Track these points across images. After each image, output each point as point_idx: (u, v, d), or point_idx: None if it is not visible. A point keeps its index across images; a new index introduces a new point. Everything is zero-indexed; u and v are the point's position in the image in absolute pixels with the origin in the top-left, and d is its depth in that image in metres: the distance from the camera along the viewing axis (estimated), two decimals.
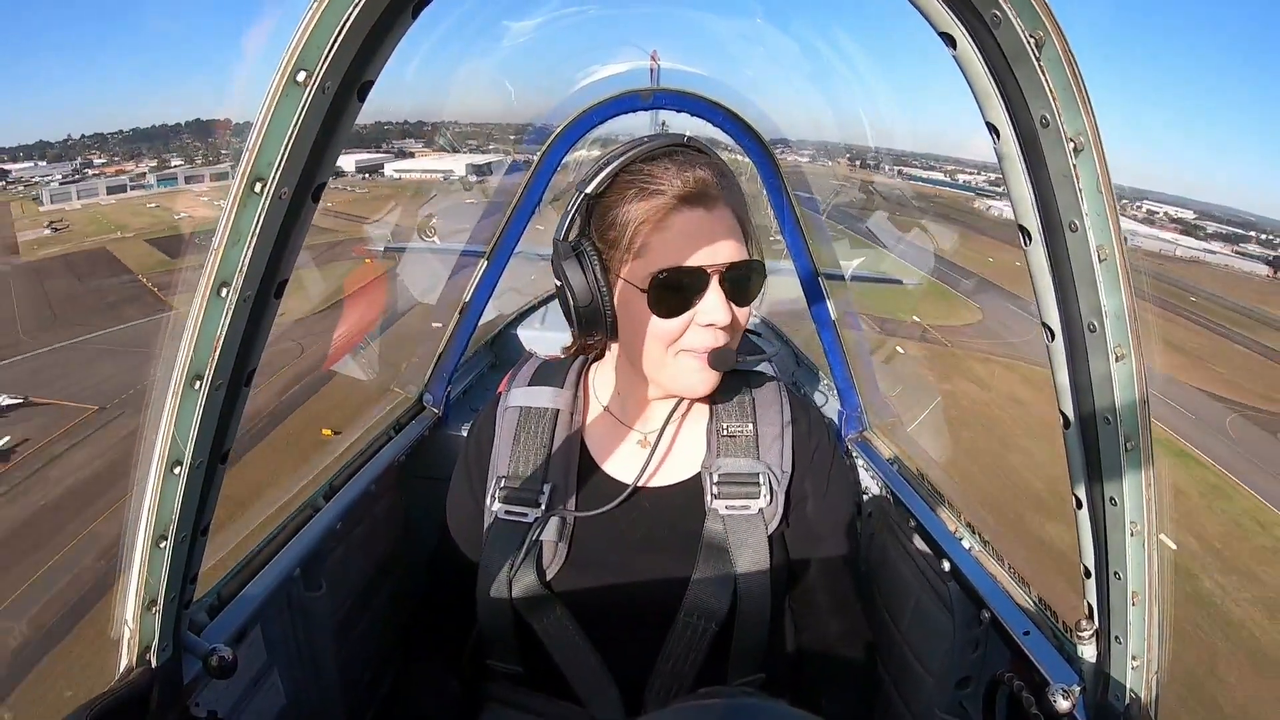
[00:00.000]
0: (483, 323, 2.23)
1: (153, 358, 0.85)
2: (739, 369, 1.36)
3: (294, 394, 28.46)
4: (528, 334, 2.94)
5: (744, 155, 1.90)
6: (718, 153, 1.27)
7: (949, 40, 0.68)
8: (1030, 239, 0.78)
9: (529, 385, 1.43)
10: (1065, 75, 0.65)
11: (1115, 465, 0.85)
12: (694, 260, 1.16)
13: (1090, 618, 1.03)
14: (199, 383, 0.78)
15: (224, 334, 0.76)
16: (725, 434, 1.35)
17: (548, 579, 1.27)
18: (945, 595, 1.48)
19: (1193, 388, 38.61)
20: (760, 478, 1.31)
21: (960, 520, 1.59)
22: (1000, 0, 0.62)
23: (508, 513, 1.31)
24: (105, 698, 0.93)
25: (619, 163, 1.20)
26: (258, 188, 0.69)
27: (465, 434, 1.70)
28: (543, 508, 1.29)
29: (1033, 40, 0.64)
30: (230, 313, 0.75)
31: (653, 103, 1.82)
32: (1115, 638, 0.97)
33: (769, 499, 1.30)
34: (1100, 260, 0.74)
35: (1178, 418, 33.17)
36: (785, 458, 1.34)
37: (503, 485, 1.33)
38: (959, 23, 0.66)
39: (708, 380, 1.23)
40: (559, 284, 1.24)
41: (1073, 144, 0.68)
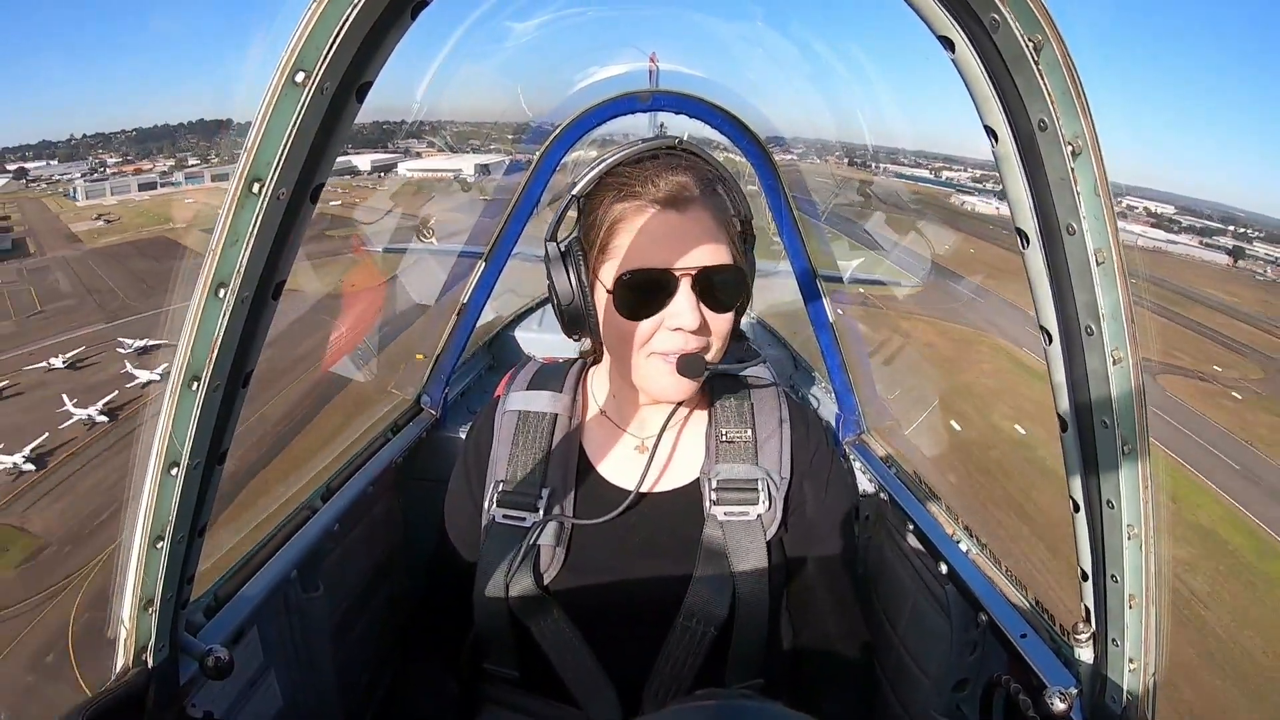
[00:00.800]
0: (481, 324, 2.23)
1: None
2: (735, 374, 1.36)
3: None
4: (525, 336, 2.93)
5: (741, 156, 1.90)
6: (714, 154, 1.27)
7: (948, 44, 0.68)
8: (1028, 242, 0.78)
9: (527, 389, 1.43)
10: (1064, 79, 0.65)
11: (1113, 468, 0.85)
12: (661, 262, 1.15)
13: (1087, 620, 1.03)
14: (196, 384, 0.78)
15: (221, 335, 0.75)
16: (724, 439, 1.34)
17: (545, 583, 1.26)
18: (942, 598, 1.47)
19: None
20: (759, 483, 1.30)
21: (958, 523, 1.58)
22: (999, 4, 0.62)
23: (506, 516, 1.30)
24: (101, 698, 0.92)
25: (605, 165, 1.20)
26: (255, 188, 0.68)
27: (463, 436, 1.69)
28: (541, 512, 1.29)
29: (1031, 44, 0.63)
30: (228, 314, 0.74)
31: (651, 104, 1.82)
32: (1112, 640, 0.97)
33: (768, 504, 1.29)
34: (1098, 263, 0.74)
35: None
36: (784, 463, 1.34)
37: (501, 489, 1.33)
38: (957, 26, 0.66)
39: (679, 385, 1.21)
40: (549, 284, 1.25)
41: (1071, 147, 0.68)
